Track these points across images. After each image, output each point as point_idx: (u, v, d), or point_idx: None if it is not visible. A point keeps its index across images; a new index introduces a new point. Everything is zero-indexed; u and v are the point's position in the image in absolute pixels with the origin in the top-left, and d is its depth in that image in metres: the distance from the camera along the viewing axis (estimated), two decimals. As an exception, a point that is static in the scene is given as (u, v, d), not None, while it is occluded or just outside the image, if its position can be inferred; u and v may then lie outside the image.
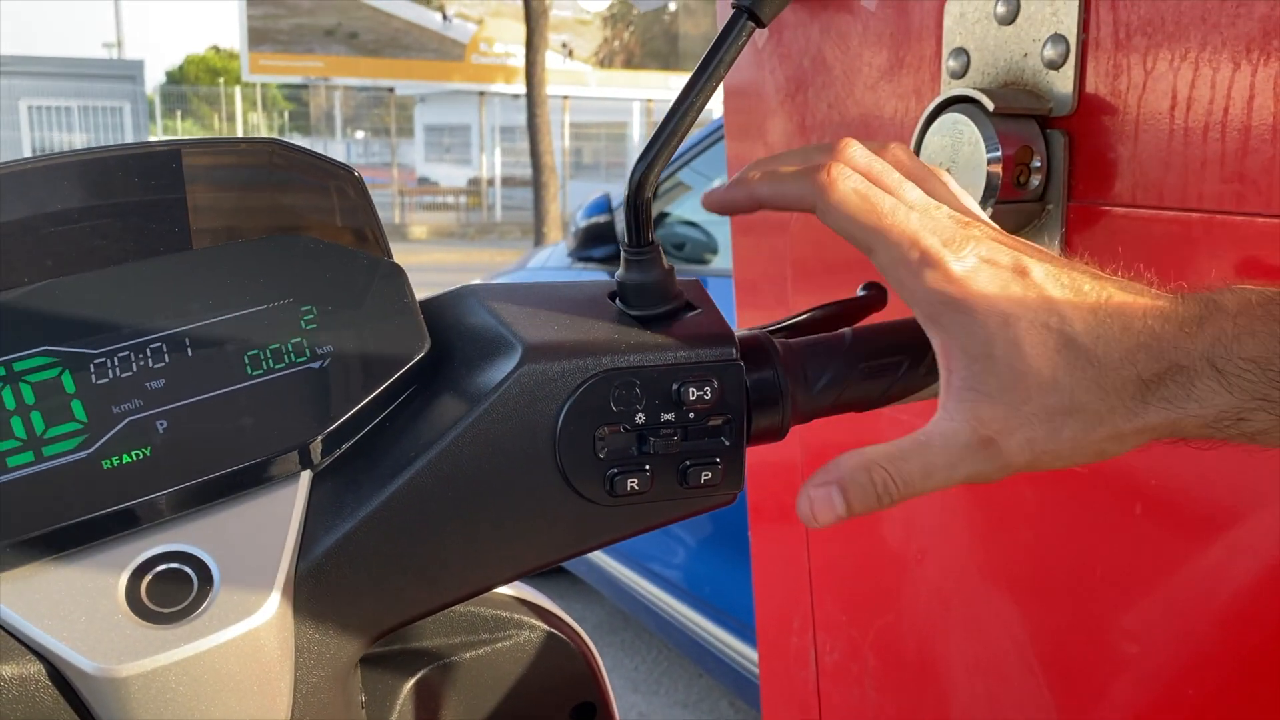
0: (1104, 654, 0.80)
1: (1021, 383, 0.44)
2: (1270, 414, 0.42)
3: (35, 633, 0.40)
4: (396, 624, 0.48)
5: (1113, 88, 0.73)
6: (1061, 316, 0.44)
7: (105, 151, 0.47)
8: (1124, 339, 0.43)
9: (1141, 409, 0.43)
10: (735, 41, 0.49)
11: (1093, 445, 0.44)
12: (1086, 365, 0.43)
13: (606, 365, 0.47)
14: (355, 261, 0.50)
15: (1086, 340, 0.43)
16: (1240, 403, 0.42)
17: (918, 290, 0.46)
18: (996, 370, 0.44)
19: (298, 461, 0.45)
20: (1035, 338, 0.44)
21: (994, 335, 0.44)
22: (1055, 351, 0.43)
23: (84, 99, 17.02)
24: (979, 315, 0.44)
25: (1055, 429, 0.44)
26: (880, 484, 0.45)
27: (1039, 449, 0.44)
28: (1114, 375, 0.43)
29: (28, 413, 0.43)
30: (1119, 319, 0.44)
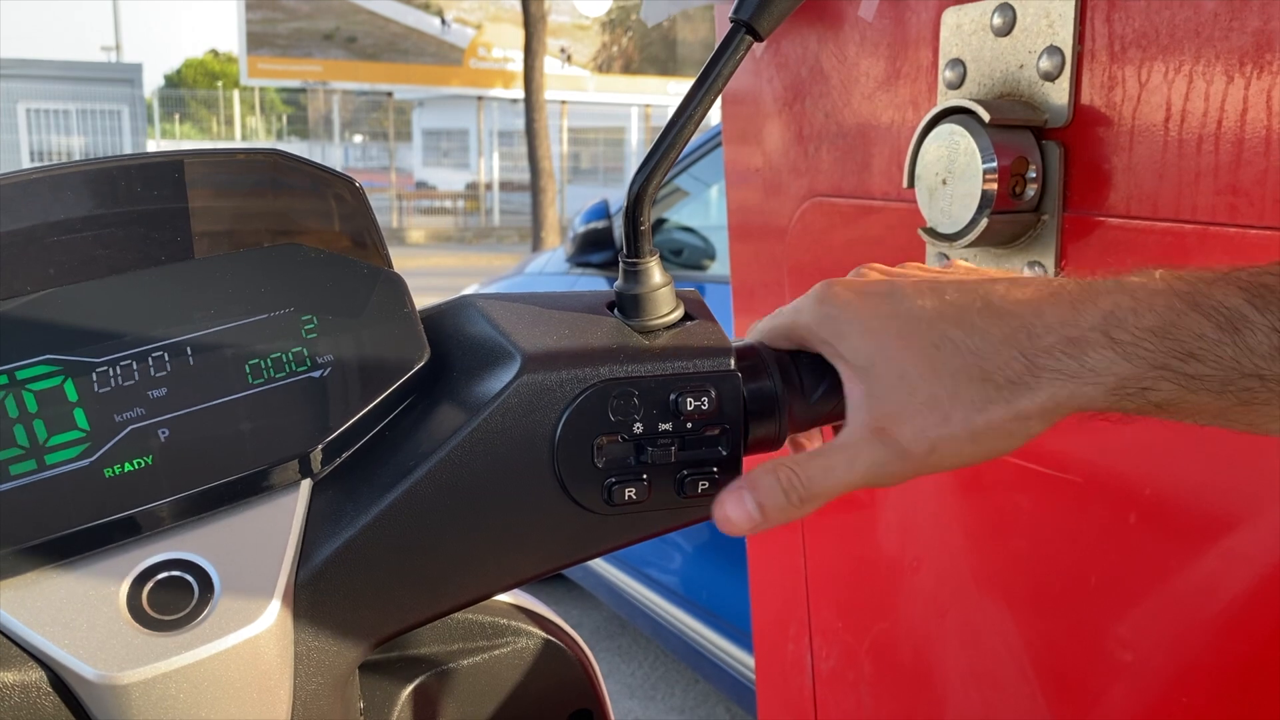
0: (1098, 661, 0.81)
1: (905, 380, 0.47)
2: (1173, 383, 0.44)
3: (37, 639, 0.40)
4: (396, 631, 0.48)
5: (1108, 100, 0.73)
6: (932, 320, 0.48)
7: (108, 162, 0.48)
8: (1002, 324, 0.46)
9: (1033, 383, 0.46)
10: (733, 55, 0.49)
11: (991, 428, 0.46)
12: (964, 354, 0.46)
13: (605, 375, 0.48)
14: (356, 271, 0.50)
15: (959, 333, 0.47)
16: (1140, 371, 0.44)
17: (809, 323, 0.51)
18: (881, 374, 0.48)
19: (298, 470, 0.46)
20: (910, 340, 0.48)
21: (871, 346, 0.48)
22: (932, 347, 0.47)
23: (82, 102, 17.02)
24: (854, 331, 0.49)
25: (944, 415, 0.46)
26: (785, 482, 0.48)
27: (933, 436, 0.46)
28: (994, 358, 0.46)
29: (30, 421, 0.43)
30: (996, 310, 0.47)
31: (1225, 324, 0.43)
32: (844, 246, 1.03)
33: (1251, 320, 0.43)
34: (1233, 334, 0.43)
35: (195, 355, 0.46)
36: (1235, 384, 0.43)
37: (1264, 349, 0.43)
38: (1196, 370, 0.44)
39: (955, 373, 0.46)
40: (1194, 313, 0.44)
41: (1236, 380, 0.43)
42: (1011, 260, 0.80)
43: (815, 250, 1.07)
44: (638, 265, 0.51)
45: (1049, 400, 0.46)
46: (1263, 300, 0.43)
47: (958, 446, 0.47)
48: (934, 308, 0.48)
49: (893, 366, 0.47)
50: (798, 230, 1.08)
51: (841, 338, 0.49)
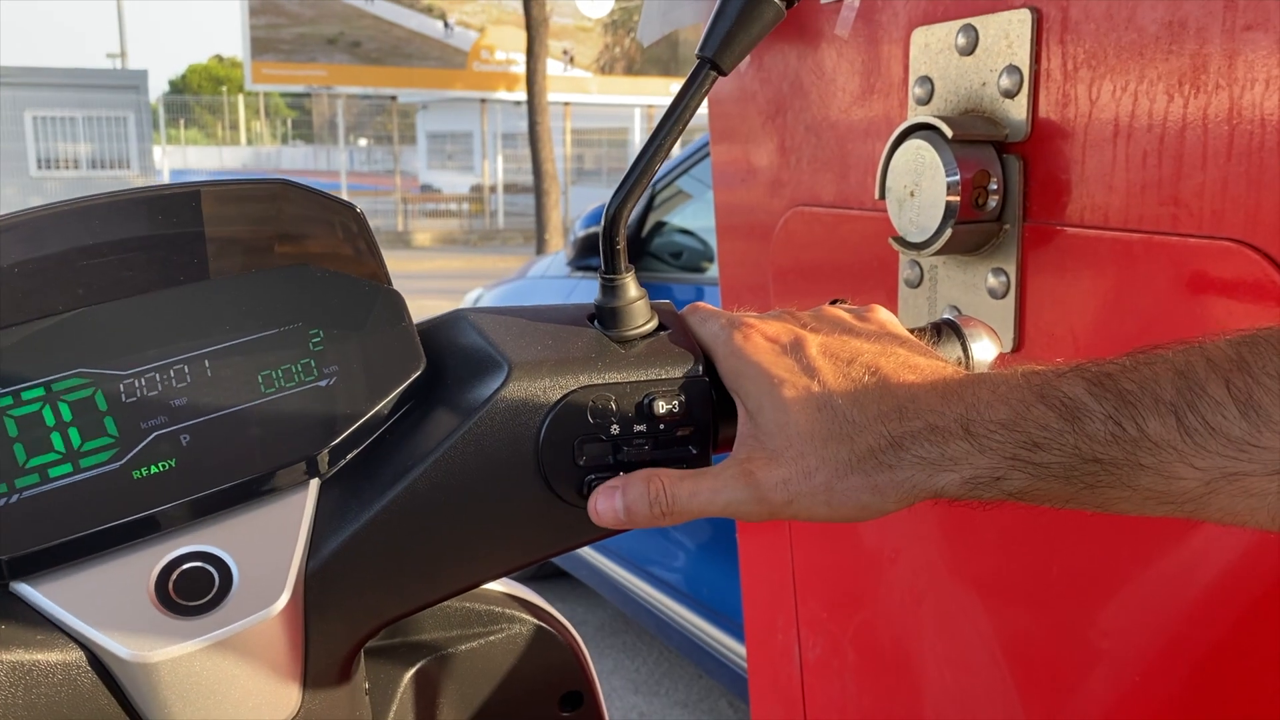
0: (1062, 645, 0.85)
1: (783, 432, 0.51)
2: (1023, 473, 0.47)
3: (76, 623, 0.45)
4: (397, 616, 0.53)
5: (1063, 116, 0.78)
6: (824, 383, 0.51)
7: (132, 193, 0.52)
8: (880, 402, 0.50)
9: (896, 463, 0.49)
10: (699, 89, 0.54)
11: (848, 493, 0.49)
12: (841, 423, 0.50)
13: (584, 382, 0.53)
14: (358, 288, 0.55)
15: (842, 402, 0.50)
16: (993, 463, 0.47)
17: (718, 359, 0.55)
18: (766, 422, 0.51)
19: (307, 471, 0.51)
20: (797, 397, 0.51)
21: (763, 394, 0.52)
22: (815, 410, 0.50)
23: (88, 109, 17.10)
24: (752, 377, 0.52)
25: (809, 473, 0.50)
26: (653, 493, 0.52)
27: (794, 489, 0.50)
28: (866, 432, 0.49)
29: (66, 428, 0.48)
30: (880, 386, 0.51)
31: (1066, 413, 0.46)
32: (825, 253, 1.07)
33: (1090, 408, 0.45)
34: (1073, 422, 0.46)
35: (213, 367, 0.51)
36: (1079, 469, 0.46)
37: (1101, 435, 0.45)
38: (1043, 459, 0.46)
39: (828, 438, 0.50)
40: (1040, 404, 0.47)
41: (1079, 466, 0.46)
42: (976, 267, 0.85)
43: (798, 256, 1.11)
44: (615, 281, 0.55)
45: (906, 481, 0.49)
46: (1101, 389, 0.46)
47: (813, 504, 0.50)
48: (828, 375, 0.52)
49: (777, 416, 0.51)
50: (781, 237, 1.12)
51: (741, 379, 0.53)
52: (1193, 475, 0.44)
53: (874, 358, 0.52)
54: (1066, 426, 0.46)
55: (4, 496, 0.46)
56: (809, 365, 0.52)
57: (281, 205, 0.55)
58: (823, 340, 0.54)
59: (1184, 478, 0.44)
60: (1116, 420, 0.45)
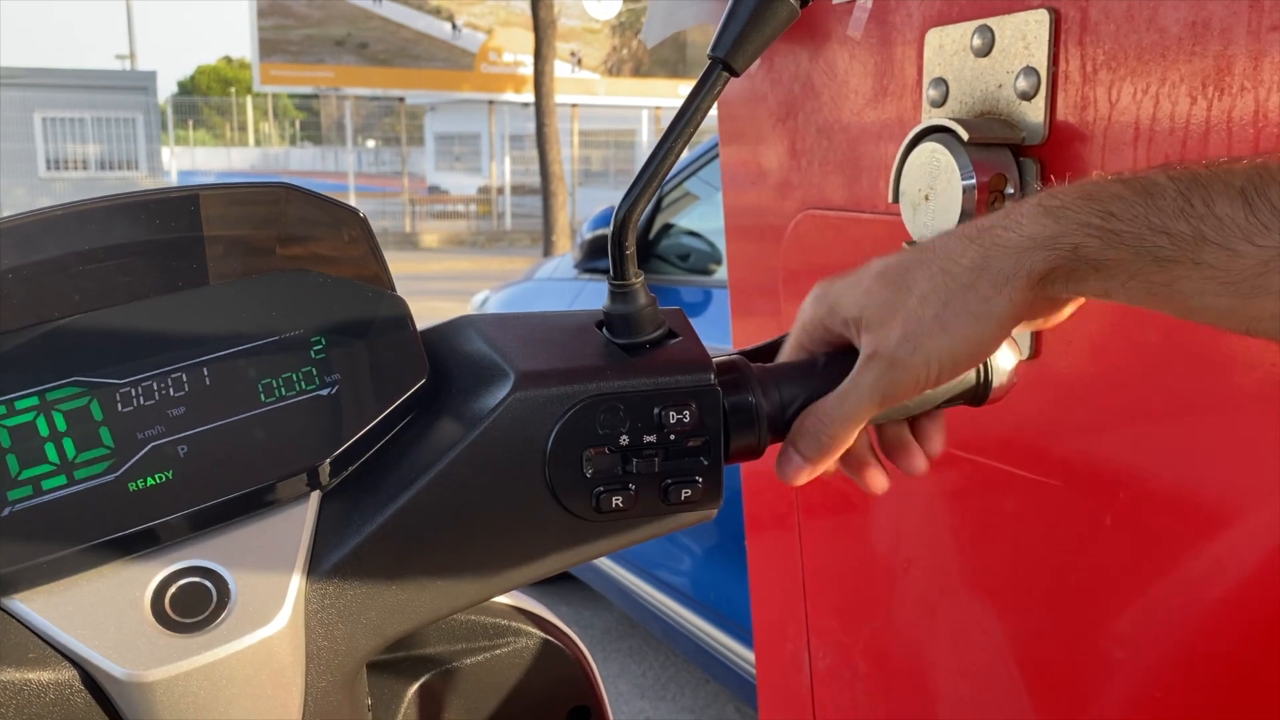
0: (1079, 656, 0.83)
1: (886, 306, 0.55)
2: (1097, 239, 0.50)
3: (69, 641, 0.44)
4: (400, 633, 0.51)
5: (1081, 119, 0.76)
6: (902, 258, 0.56)
7: (130, 197, 0.51)
8: (956, 235, 0.55)
9: (983, 263, 0.53)
10: (711, 90, 0.53)
11: (957, 314, 0.53)
12: (928, 265, 0.54)
13: (593, 391, 0.51)
14: (360, 294, 0.54)
15: (920, 254, 0.55)
16: (1067, 229, 0.51)
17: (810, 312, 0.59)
18: (870, 313, 0.55)
19: (308, 482, 0.49)
20: (886, 277, 0.55)
21: (857, 294, 0.56)
22: (903, 273, 0.55)
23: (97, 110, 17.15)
24: (844, 292, 0.57)
25: (918, 319, 0.53)
26: (812, 425, 0.56)
27: (913, 339, 0.53)
28: (950, 254, 0.54)
29: (60, 439, 0.47)
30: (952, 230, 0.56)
31: (1139, 189, 0.50)
32: (836, 256, 1.06)
33: (1163, 185, 0.49)
34: (1145, 196, 0.49)
35: (211, 375, 0.49)
36: (1148, 241, 0.49)
37: (1171, 209, 0.48)
38: (1115, 226, 0.50)
39: (921, 282, 0.54)
40: (1116, 182, 0.51)
41: (1148, 237, 0.49)
42: (992, 272, 0.83)
43: (809, 259, 1.10)
44: (624, 286, 0.54)
45: (999, 274, 0.52)
46: (1175, 172, 0.49)
47: (937, 343, 0.53)
48: (903, 250, 0.57)
49: (876, 300, 0.55)
50: (792, 239, 1.11)
51: (837, 302, 0.57)
52: (1252, 253, 0.46)
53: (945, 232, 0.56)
54: (1139, 199, 0.49)
55: None
56: (884, 260, 0.57)
57: (283, 209, 0.54)
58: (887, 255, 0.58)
59: (1244, 255, 0.47)
60: (1187, 197, 0.48)
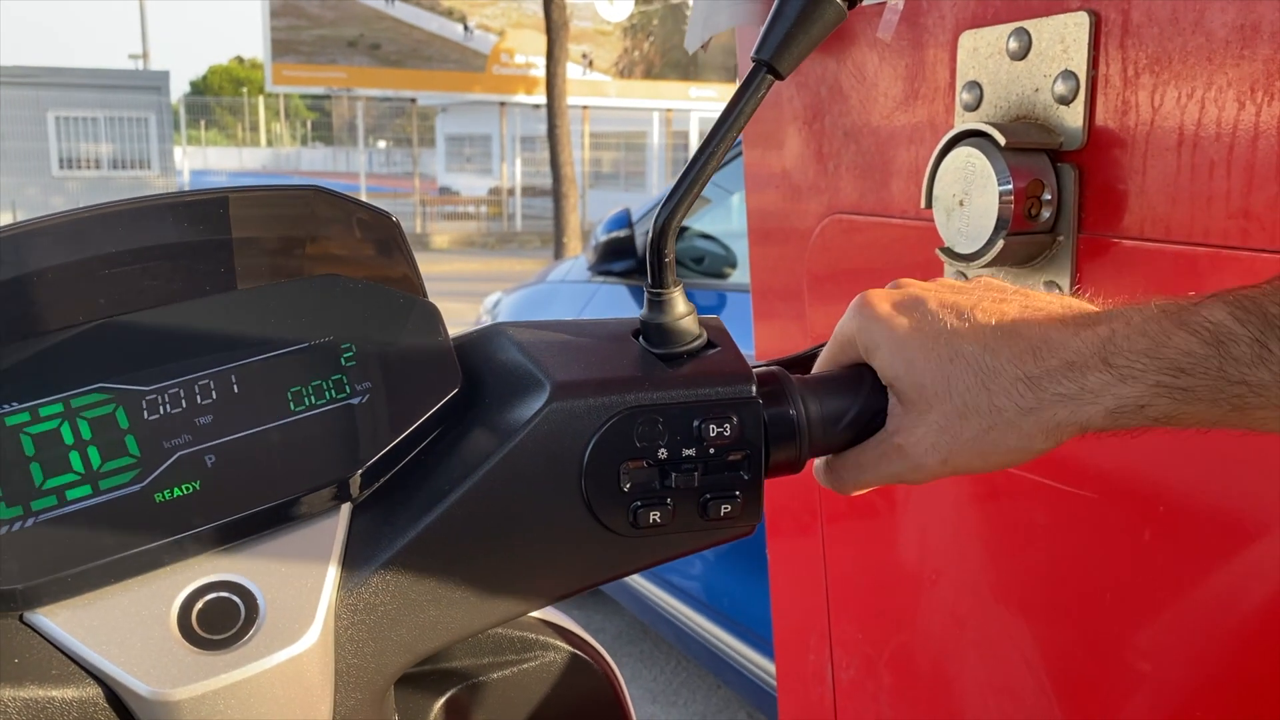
0: (1115, 674, 0.82)
1: (922, 395, 0.52)
2: (1167, 399, 0.47)
3: (94, 657, 0.42)
4: (431, 649, 0.50)
5: (1122, 124, 0.74)
6: (951, 332, 0.52)
7: (158, 199, 0.50)
8: (1011, 345, 0.50)
9: (1037, 405, 0.49)
10: (755, 94, 0.51)
11: (997, 442, 0.50)
12: (975, 372, 0.50)
13: (631, 403, 0.50)
14: (391, 300, 0.52)
15: (973, 350, 0.51)
16: (1136, 391, 0.48)
17: (851, 333, 0.56)
18: (903, 388, 0.52)
19: (338, 494, 0.48)
20: (928, 355, 0.52)
21: (898, 360, 0.52)
22: (947, 362, 0.51)
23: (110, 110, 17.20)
24: (884, 343, 0.53)
25: (955, 432, 0.51)
26: (833, 476, 0.57)
27: (944, 450, 0.51)
28: (1002, 377, 0.50)
29: (85, 447, 0.45)
30: (1009, 330, 0.51)
31: (1210, 339, 0.46)
32: (863, 262, 1.04)
33: (1235, 332, 0.46)
34: (1217, 347, 0.46)
35: (239, 383, 0.48)
36: (1225, 393, 0.46)
37: (1247, 358, 0.46)
38: (1187, 384, 0.47)
39: (965, 391, 0.50)
40: (1181, 331, 0.47)
41: (1225, 389, 0.46)
42: (1027, 280, 0.82)
43: (835, 264, 1.08)
44: (662, 295, 0.52)
45: (1050, 421, 0.49)
46: (1244, 313, 0.46)
47: (967, 459, 0.51)
48: (953, 325, 0.52)
49: (912, 379, 0.52)
50: (818, 245, 1.09)
51: (876, 348, 0.54)
52: None
53: (996, 304, 0.53)
54: (1211, 351, 0.46)
55: (19, 519, 0.43)
56: (933, 318, 0.52)
57: (313, 212, 0.52)
58: (939, 296, 0.54)
59: None
60: (1263, 342, 0.46)
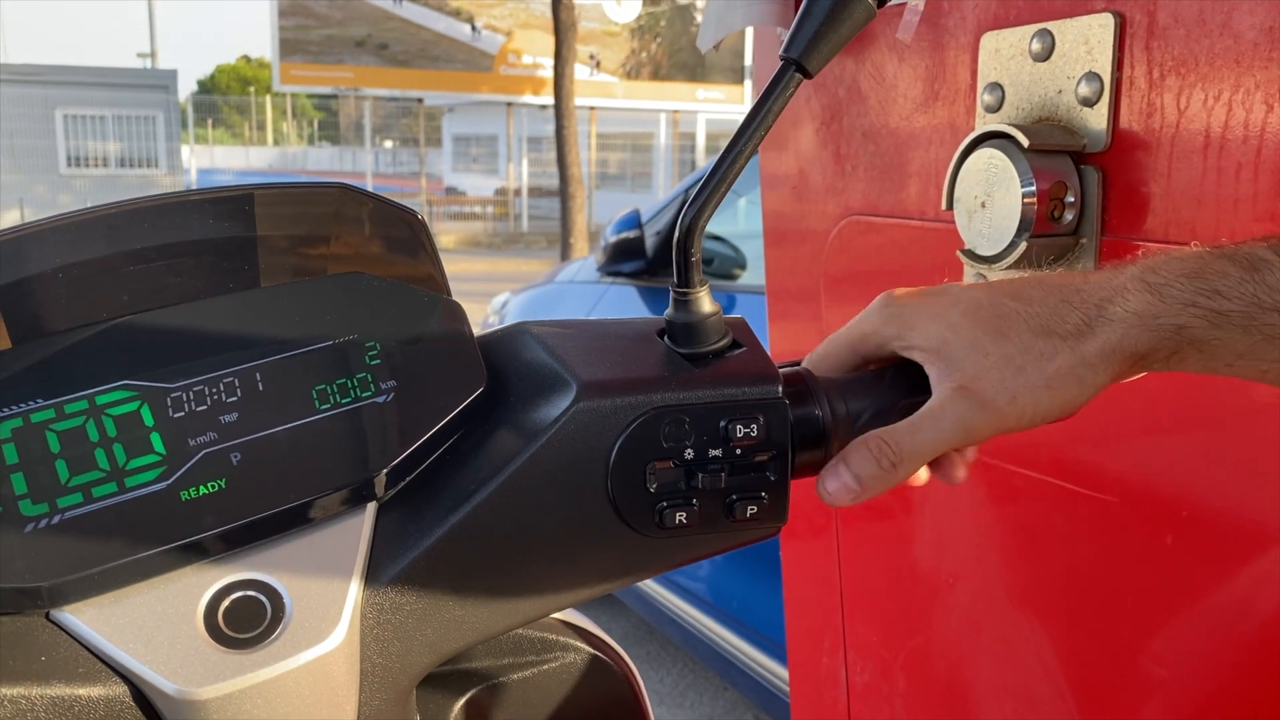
0: (1134, 680, 0.81)
1: (977, 346, 0.51)
2: (1203, 320, 0.49)
3: (121, 655, 0.42)
4: (456, 649, 0.49)
5: (1146, 126, 0.74)
6: (991, 299, 0.53)
7: (183, 195, 0.50)
8: (1054, 292, 0.52)
9: (1089, 331, 0.50)
10: (783, 93, 0.51)
11: (1061, 374, 0.51)
12: (1027, 318, 0.51)
13: (658, 403, 0.49)
14: (416, 298, 0.52)
15: (1018, 304, 0.52)
16: (1174, 309, 0.49)
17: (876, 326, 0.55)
18: (954, 347, 0.52)
19: (364, 494, 0.47)
20: (975, 316, 0.52)
21: (939, 326, 0.53)
22: (996, 318, 0.52)
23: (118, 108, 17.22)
24: (921, 319, 0.53)
25: (1019, 367, 0.51)
26: (875, 450, 0.51)
27: (1011, 386, 0.50)
28: (1053, 316, 0.51)
29: (110, 445, 0.45)
30: (1046, 283, 0.53)
31: (1247, 265, 0.48)
32: (881, 263, 1.04)
33: (1271, 262, 0.48)
34: (1253, 273, 0.48)
35: (264, 381, 0.48)
36: (1258, 319, 0.48)
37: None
38: (1222, 306, 0.48)
39: (1022, 333, 0.51)
40: (1221, 259, 0.49)
41: (1259, 315, 0.47)
42: (1049, 282, 0.81)
43: (852, 265, 1.08)
44: (688, 295, 0.52)
45: (1105, 345, 0.50)
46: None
47: (1036, 395, 0.51)
48: (989, 291, 0.53)
49: (963, 338, 0.52)
50: (835, 246, 1.09)
51: (910, 328, 0.54)
52: None
53: (1028, 279, 0.54)
54: (1247, 276, 0.48)
55: (45, 517, 0.43)
56: (969, 294, 0.53)
57: (338, 210, 0.52)
58: (967, 284, 0.55)
59: None
60: None
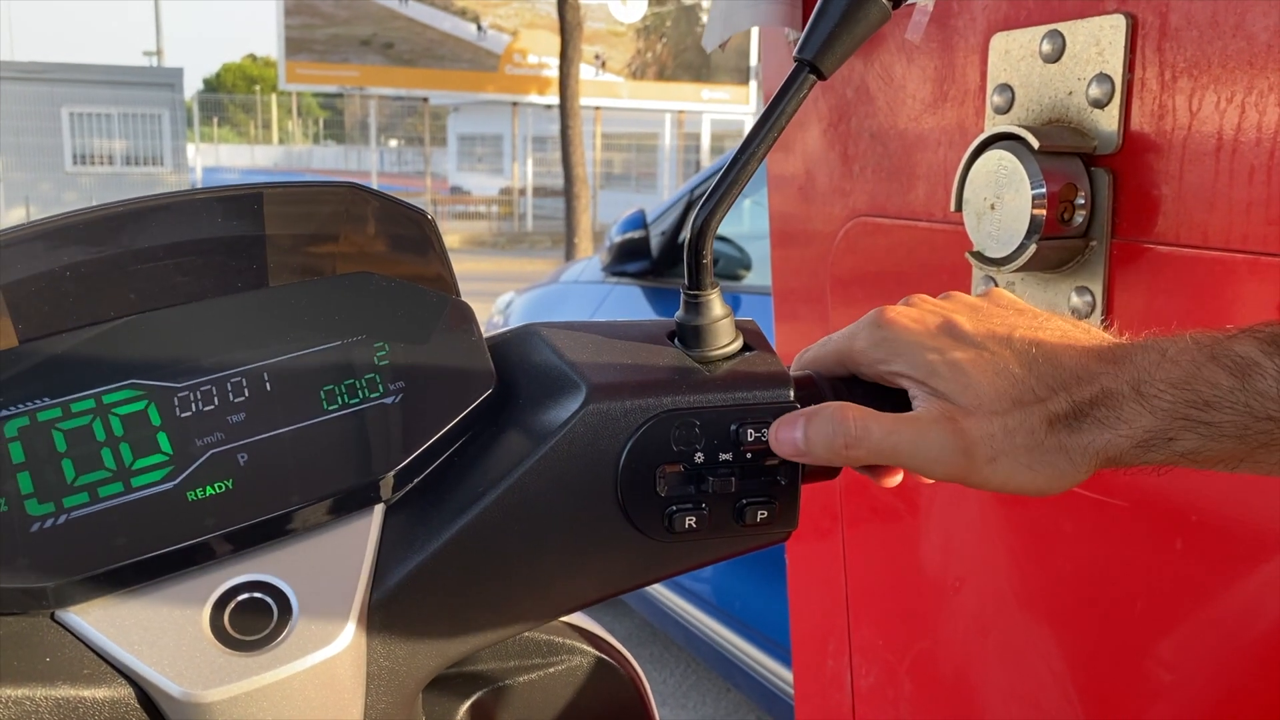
0: (1142, 685, 0.81)
1: (970, 391, 0.49)
2: (1194, 433, 0.46)
3: (126, 657, 0.42)
4: (463, 653, 0.49)
5: (1158, 128, 0.74)
6: (993, 353, 0.50)
7: (190, 194, 0.49)
8: (1054, 371, 0.49)
9: (1078, 427, 0.48)
10: (797, 94, 0.50)
11: (1048, 455, 0.48)
12: (1024, 388, 0.49)
13: (668, 406, 0.49)
14: (425, 299, 0.52)
15: (1018, 371, 0.49)
16: (1163, 424, 0.47)
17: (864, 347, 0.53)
18: (947, 380, 0.50)
19: (371, 495, 0.47)
20: (972, 362, 0.49)
21: (934, 359, 0.50)
22: (995, 375, 0.49)
23: (123, 106, 17.24)
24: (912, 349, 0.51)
25: (1010, 432, 0.48)
26: (839, 420, 0.49)
27: (998, 446, 0.48)
28: (1051, 398, 0.48)
29: (117, 444, 0.45)
30: (1048, 356, 0.50)
31: (1238, 371, 0.46)
32: (889, 265, 1.03)
33: (1262, 366, 0.45)
34: (1244, 380, 0.45)
35: (272, 381, 0.47)
36: (1252, 429, 0.45)
37: (1272, 392, 0.45)
38: (1213, 418, 0.46)
39: (1018, 401, 0.49)
40: (1211, 364, 0.46)
41: (1252, 425, 0.45)
42: (1059, 285, 0.81)
43: (859, 267, 1.07)
44: (699, 297, 0.52)
45: (1090, 445, 0.48)
46: (1272, 346, 0.45)
47: (1015, 465, 0.48)
48: (996, 347, 0.50)
49: (958, 376, 0.49)
50: (842, 247, 1.08)
51: (898, 355, 0.51)
52: None
53: (1030, 331, 0.51)
54: (1237, 384, 0.45)
55: (51, 517, 0.43)
56: (970, 339, 0.51)
57: (348, 210, 0.52)
58: (970, 318, 0.52)
59: None
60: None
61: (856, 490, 1.10)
